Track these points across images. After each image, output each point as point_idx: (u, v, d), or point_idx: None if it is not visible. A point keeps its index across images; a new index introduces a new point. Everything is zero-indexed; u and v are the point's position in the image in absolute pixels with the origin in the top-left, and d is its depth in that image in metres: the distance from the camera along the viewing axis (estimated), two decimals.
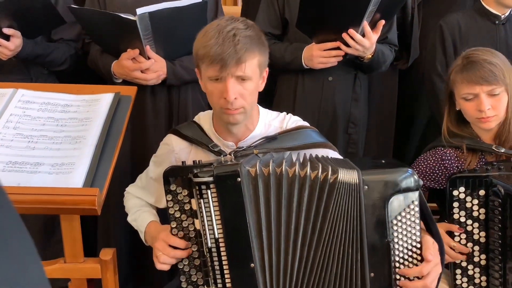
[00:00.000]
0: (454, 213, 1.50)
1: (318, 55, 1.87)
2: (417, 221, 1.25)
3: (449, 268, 1.57)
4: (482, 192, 1.48)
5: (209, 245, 1.24)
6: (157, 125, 1.98)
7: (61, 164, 1.10)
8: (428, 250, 1.25)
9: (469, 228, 1.50)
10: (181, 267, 1.32)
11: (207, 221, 1.22)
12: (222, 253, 1.23)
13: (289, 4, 1.98)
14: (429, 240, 1.27)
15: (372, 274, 1.24)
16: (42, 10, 1.86)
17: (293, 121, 1.49)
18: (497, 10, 2.10)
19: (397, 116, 2.45)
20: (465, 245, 1.52)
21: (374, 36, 1.82)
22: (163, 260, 1.29)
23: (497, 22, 2.11)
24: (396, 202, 1.23)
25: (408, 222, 1.25)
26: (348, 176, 1.21)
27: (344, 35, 1.80)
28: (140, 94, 1.88)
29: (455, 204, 1.50)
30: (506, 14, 2.11)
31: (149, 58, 1.81)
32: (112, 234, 2.05)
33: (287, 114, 1.52)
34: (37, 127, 1.18)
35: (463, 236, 1.51)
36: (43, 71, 2.07)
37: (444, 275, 1.66)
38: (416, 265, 1.27)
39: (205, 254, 1.26)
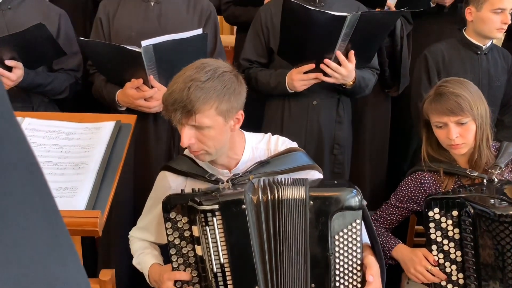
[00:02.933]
0: (431, 233, 1.58)
1: (298, 78, 1.96)
2: (359, 238, 1.32)
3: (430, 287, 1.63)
4: (455, 213, 1.55)
5: (215, 270, 1.28)
6: (158, 151, 2.04)
7: (65, 188, 1.16)
8: (370, 270, 1.32)
9: (445, 247, 1.57)
10: None
11: (213, 247, 1.27)
12: (228, 277, 1.28)
13: (274, 34, 2.07)
14: (371, 261, 1.34)
15: (313, 285, 1.31)
16: (43, 43, 1.93)
17: (281, 142, 1.54)
18: (478, 41, 2.19)
19: (395, 141, 2.53)
20: (444, 264, 1.58)
21: (349, 64, 1.91)
22: None
23: (479, 52, 2.20)
24: (339, 219, 1.30)
25: (350, 239, 1.32)
26: (296, 192, 1.29)
27: (322, 66, 1.90)
28: (143, 122, 1.96)
29: (431, 225, 1.58)
30: (488, 45, 2.20)
31: (152, 87, 1.87)
32: (112, 256, 2.09)
33: (271, 135, 1.56)
34: (42, 153, 1.25)
35: (441, 255, 1.58)
36: (44, 99, 2.13)
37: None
38: (356, 280, 1.33)
39: (210, 279, 1.30)
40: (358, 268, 1.34)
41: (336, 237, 1.31)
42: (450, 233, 1.57)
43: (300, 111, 2.10)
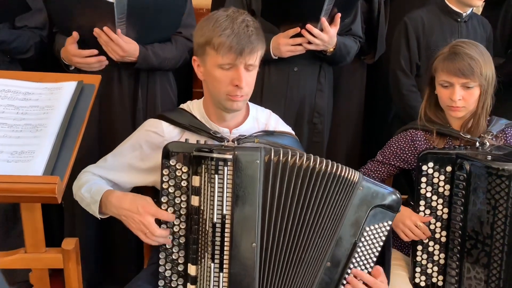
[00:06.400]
0: (421, 188, 1.60)
1: (285, 42, 1.91)
2: (384, 238, 1.39)
3: (410, 244, 1.66)
4: (449, 169, 1.57)
5: (215, 220, 1.29)
6: (123, 113, 1.97)
7: (21, 152, 1.09)
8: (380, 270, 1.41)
9: (433, 203, 1.60)
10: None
11: (218, 196, 1.28)
12: (226, 230, 1.29)
13: None
14: (379, 268, 1.41)
15: (328, 264, 1.36)
16: None
17: (281, 123, 1.64)
18: (458, 8, 2.17)
19: (370, 109, 2.51)
20: (429, 221, 1.60)
21: (332, 29, 1.88)
22: (160, 234, 1.33)
23: (459, 20, 2.18)
24: (376, 215, 1.37)
25: (376, 236, 1.38)
26: (351, 174, 1.35)
27: (303, 31, 1.86)
28: (107, 82, 1.88)
29: (423, 179, 1.59)
30: (468, 12, 2.18)
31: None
32: (77, 225, 2.03)
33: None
34: None
35: (428, 211, 1.61)
36: (5, 59, 2.02)
37: (402, 256, 1.75)
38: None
39: (207, 229, 1.30)
40: (372, 264, 1.40)
41: (367, 229, 1.37)
42: (441, 189, 1.59)
43: (280, 78, 2.06)
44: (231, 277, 1.31)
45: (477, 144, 1.63)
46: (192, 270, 1.34)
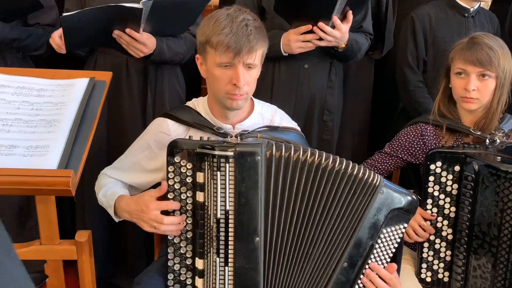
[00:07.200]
0: (429, 187, 1.58)
1: (295, 39, 1.90)
2: (399, 241, 1.40)
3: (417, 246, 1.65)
4: (457, 168, 1.55)
5: (219, 215, 1.30)
6: (132, 109, 2.00)
7: (36, 146, 1.12)
8: (395, 267, 1.41)
9: (441, 202, 1.59)
10: (171, 238, 1.37)
11: (221, 192, 1.30)
12: (230, 224, 1.31)
13: None
14: (394, 265, 1.41)
15: (345, 264, 1.37)
16: None
17: (286, 119, 1.64)
18: (466, 3, 2.16)
19: (378, 105, 2.51)
20: (436, 219, 1.59)
21: (344, 26, 1.86)
22: (168, 221, 1.34)
23: (466, 15, 2.17)
24: (393, 217, 1.38)
25: (391, 238, 1.39)
26: (371, 176, 1.35)
27: (315, 29, 1.85)
28: (116, 79, 1.89)
29: (431, 178, 1.57)
30: (475, 7, 2.17)
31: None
32: (87, 217, 2.07)
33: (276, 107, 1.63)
34: (11, 110, 1.20)
35: (435, 210, 1.59)
36: (18, 55, 2.06)
37: (409, 251, 1.75)
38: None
39: (211, 224, 1.32)
40: (385, 264, 1.40)
41: (384, 231, 1.38)
42: (448, 188, 1.57)
43: (291, 75, 2.04)
44: (236, 270, 1.32)
45: (487, 141, 1.59)
46: (199, 264, 1.37)
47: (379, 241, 1.37)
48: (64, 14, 1.64)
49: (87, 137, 1.17)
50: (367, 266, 1.38)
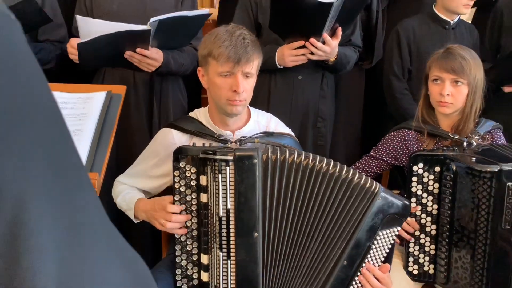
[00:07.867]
0: (412, 186, 1.69)
1: (289, 53, 2.02)
2: (392, 242, 1.50)
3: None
4: (437, 169, 1.66)
5: (221, 214, 1.41)
6: (139, 119, 2.11)
7: None
8: (388, 268, 1.53)
9: (424, 200, 1.69)
10: (178, 236, 1.49)
11: (222, 193, 1.41)
12: (231, 222, 1.41)
13: (262, 9, 2.12)
14: (388, 266, 1.53)
15: (345, 262, 1.48)
16: (30, 12, 1.93)
17: (281, 125, 1.76)
18: (446, 16, 2.30)
19: (368, 112, 2.62)
20: (420, 216, 1.70)
21: (334, 42, 1.99)
22: (175, 219, 1.46)
23: (447, 27, 2.31)
24: (389, 221, 1.48)
25: (385, 240, 1.50)
26: (370, 183, 1.45)
27: (307, 44, 1.97)
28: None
29: (414, 179, 1.68)
30: (455, 20, 2.31)
31: None
32: None
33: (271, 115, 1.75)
34: None
35: (419, 207, 1.70)
36: None
37: (397, 246, 1.84)
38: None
39: (214, 222, 1.43)
40: (380, 263, 1.51)
41: (380, 233, 1.48)
42: (430, 188, 1.67)
43: (286, 85, 2.16)
44: (238, 263, 1.43)
45: (465, 144, 1.71)
46: (204, 259, 1.47)
47: (375, 242, 1.47)
48: (81, 41, 1.78)
49: (107, 143, 1.30)
50: (363, 265, 1.48)
